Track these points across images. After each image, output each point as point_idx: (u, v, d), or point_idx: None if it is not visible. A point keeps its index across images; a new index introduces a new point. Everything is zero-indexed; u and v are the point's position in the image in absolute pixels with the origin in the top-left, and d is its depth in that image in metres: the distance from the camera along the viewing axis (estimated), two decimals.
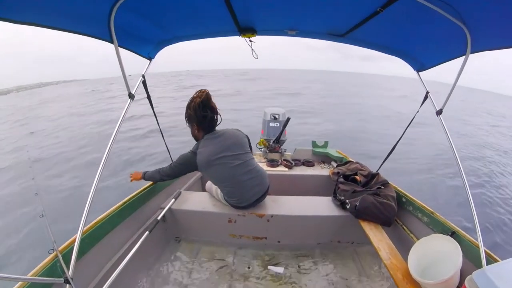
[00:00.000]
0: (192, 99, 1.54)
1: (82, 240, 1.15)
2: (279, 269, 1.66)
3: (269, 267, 1.67)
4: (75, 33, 1.22)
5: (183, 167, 1.64)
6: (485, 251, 1.15)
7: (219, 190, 1.82)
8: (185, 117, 1.62)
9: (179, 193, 1.97)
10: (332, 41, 1.89)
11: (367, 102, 17.21)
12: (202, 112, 1.52)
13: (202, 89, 1.55)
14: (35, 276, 1.00)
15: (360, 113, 12.39)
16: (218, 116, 1.62)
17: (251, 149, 1.82)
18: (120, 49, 1.40)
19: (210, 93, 1.56)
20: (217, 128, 1.68)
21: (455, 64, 1.54)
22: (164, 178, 1.73)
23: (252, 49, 1.81)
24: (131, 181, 1.86)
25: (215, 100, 1.60)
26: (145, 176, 1.80)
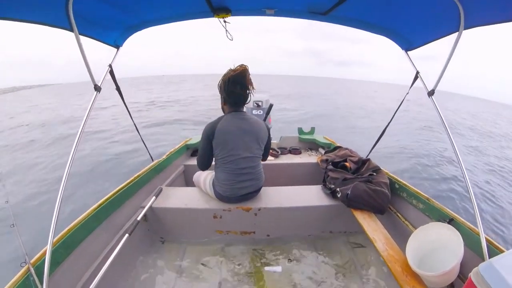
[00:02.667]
0: (228, 72, 1.51)
1: (55, 250, 1.09)
2: (277, 268, 1.55)
3: (266, 268, 1.56)
4: (29, 22, 1.08)
5: (203, 138, 1.59)
6: (486, 238, 1.09)
7: (209, 177, 1.76)
8: (218, 87, 1.59)
9: (160, 190, 1.83)
10: (314, 20, 1.74)
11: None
12: (230, 87, 1.51)
13: (242, 64, 1.50)
14: None
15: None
16: (250, 94, 1.57)
17: (268, 143, 1.77)
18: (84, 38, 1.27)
19: (247, 69, 1.50)
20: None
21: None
22: (198, 163, 1.71)
23: (226, 30, 1.64)
24: None
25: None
26: None
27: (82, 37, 1.24)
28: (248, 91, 1.54)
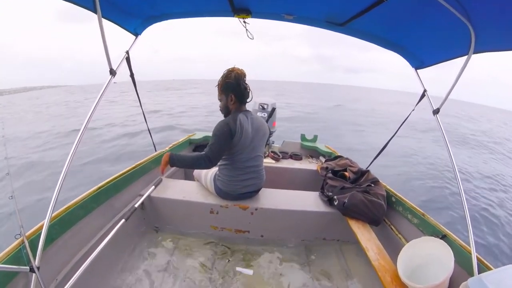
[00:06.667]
0: (232, 70, 1.53)
1: (52, 226, 1.09)
2: (248, 271, 1.56)
3: (238, 268, 1.56)
4: None
5: (223, 136, 1.49)
6: (477, 257, 1.10)
7: (210, 172, 1.78)
8: (222, 87, 1.57)
9: (160, 180, 1.86)
10: (330, 30, 1.78)
11: None
12: (243, 83, 1.54)
13: (234, 67, 1.56)
14: None
15: None
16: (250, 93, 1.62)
17: (267, 143, 1.81)
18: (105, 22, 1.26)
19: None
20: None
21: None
22: (212, 159, 1.49)
23: (246, 29, 1.68)
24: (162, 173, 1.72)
25: None
26: (174, 160, 1.55)
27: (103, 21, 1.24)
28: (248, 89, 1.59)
